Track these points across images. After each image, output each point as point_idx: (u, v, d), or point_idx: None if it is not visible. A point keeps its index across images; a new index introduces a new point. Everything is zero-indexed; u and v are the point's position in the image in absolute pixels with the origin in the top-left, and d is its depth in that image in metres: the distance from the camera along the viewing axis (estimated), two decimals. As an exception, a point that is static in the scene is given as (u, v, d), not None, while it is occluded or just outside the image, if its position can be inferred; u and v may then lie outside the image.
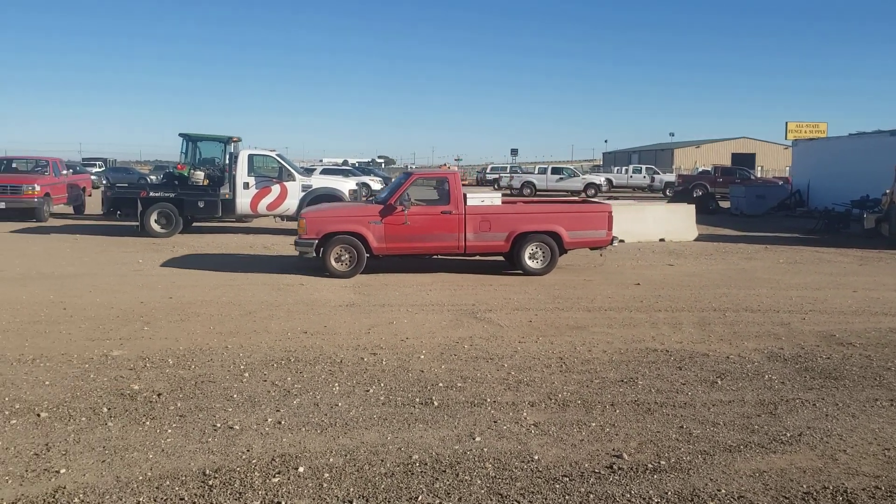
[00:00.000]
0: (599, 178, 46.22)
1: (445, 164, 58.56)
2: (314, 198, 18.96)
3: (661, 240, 18.62)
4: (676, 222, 19.46)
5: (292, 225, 20.25)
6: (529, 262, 12.62)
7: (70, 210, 24.62)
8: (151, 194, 18.63)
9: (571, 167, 50.47)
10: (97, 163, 56.33)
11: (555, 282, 12.00)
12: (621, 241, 14.75)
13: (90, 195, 27.38)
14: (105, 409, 5.65)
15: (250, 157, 19.22)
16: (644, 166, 54.59)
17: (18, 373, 6.53)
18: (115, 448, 4.91)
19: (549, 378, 6.69)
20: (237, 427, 5.32)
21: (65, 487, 4.32)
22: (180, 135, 22.14)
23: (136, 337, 7.93)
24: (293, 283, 11.58)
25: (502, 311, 9.64)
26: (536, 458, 4.89)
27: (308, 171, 22.45)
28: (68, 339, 7.79)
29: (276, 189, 18.93)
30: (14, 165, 24.66)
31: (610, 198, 34.87)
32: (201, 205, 18.73)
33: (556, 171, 44.86)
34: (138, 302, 9.77)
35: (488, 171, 60.89)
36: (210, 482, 4.42)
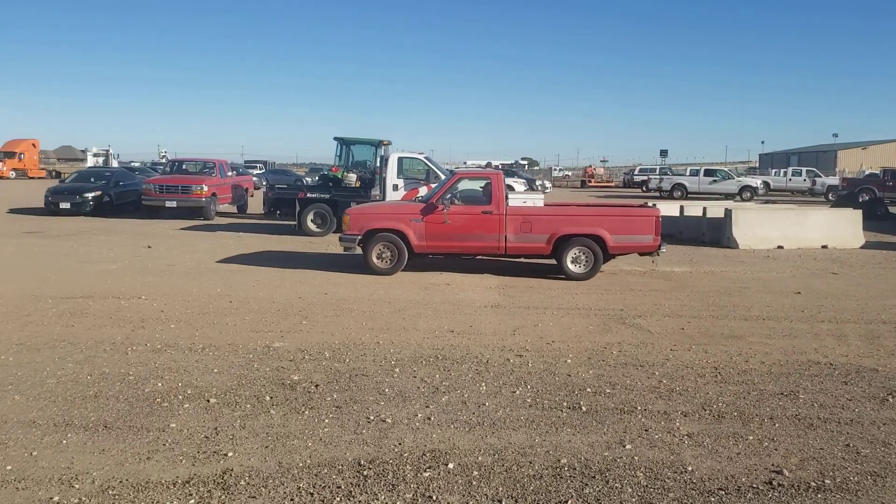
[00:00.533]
0: (756, 181, 44.03)
1: (489, 164, 57.74)
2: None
3: (824, 246, 17.50)
4: (841, 228, 18.23)
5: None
6: (572, 266, 12.31)
7: (234, 209, 26.21)
8: (308, 195, 19.52)
9: (725, 169, 48.38)
10: (258, 165, 59.58)
11: (708, 289, 11.55)
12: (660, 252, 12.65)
13: (252, 195, 29.00)
14: (268, 398, 5.97)
15: (400, 159, 19.77)
16: (804, 169, 51.50)
17: (190, 360, 7.03)
18: (278, 435, 5.18)
19: (702, 388, 6.45)
20: (389, 420, 5.48)
21: (232, 470, 4.60)
22: (335, 139, 23.03)
23: (295, 330, 8.33)
24: (439, 282, 11.78)
25: (652, 317, 9.38)
26: (690, 469, 4.72)
27: (451, 174, 22.76)
28: (234, 330, 8.30)
29: (423, 191, 19.32)
30: (184, 167, 26.51)
31: (767, 201, 33.16)
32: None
33: (708, 172, 43.13)
34: (297, 297, 10.26)
35: (636, 172, 59.47)
36: (365, 472, 4.58)
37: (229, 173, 25.96)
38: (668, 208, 19.53)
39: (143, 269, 12.59)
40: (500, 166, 61.90)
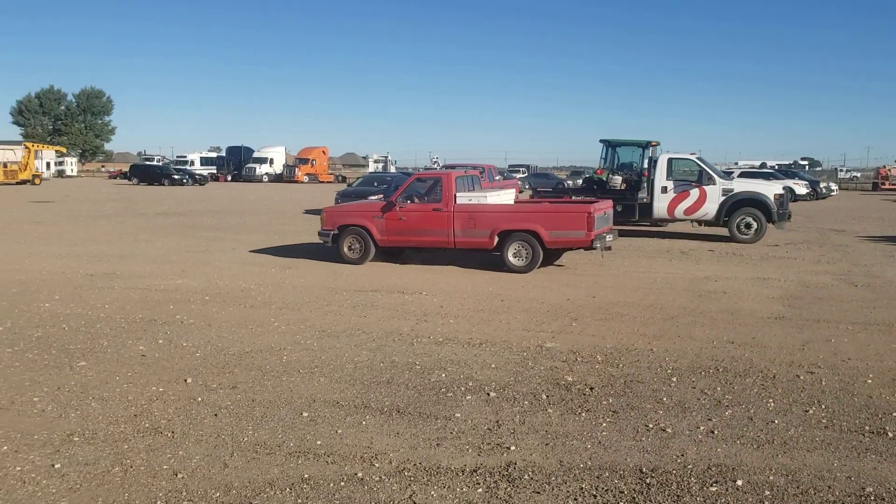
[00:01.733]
0: None
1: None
2: (734, 202, 18.28)
3: None
4: None
5: (711, 230, 19.74)
6: (513, 260, 12.84)
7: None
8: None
9: None
10: (521, 169, 60.95)
11: None
12: (608, 247, 13.39)
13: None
14: (544, 396, 6.09)
15: (670, 160, 19.18)
16: None
17: (469, 354, 7.37)
18: (556, 434, 5.27)
19: None
20: (669, 430, 5.34)
21: (515, 463, 4.75)
22: (601, 141, 22.89)
23: (566, 331, 8.41)
24: (715, 290, 11.24)
25: (971, 337, 8.21)
26: None
27: (727, 175, 21.65)
28: (507, 328, 8.57)
29: (694, 193, 18.61)
30: (457, 171, 27.87)
31: None
32: (619, 209, 19.13)
33: None
34: (565, 299, 10.35)
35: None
36: (647, 480, 4.50)
37: (496, 178, 26.85)
38: None
39: (421, 267, 13.43)
40: (776, 167, 57.76)
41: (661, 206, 18.83)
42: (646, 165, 20.56)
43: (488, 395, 6.12)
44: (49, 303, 9.72)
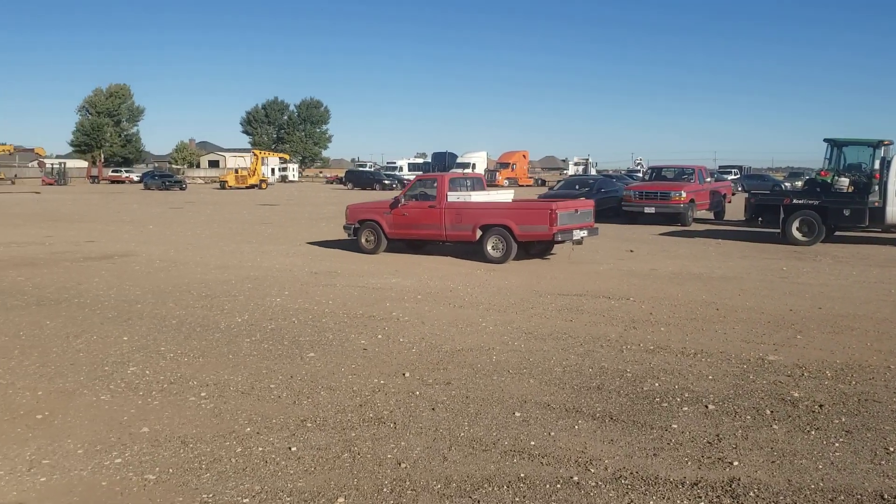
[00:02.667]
0: None
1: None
2: None
3: None
4: None
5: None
6: (491, 252, 14.34)
7: (710, 216, 25.89)
8: (794, 202, 18.32)
9: None
10: (732, 170, 57.95)
11: None
12: (579, 242, 14.83)
13: (730, 202, 28.33)
14: (768, 412, 5.75)
15: (908, 161, 17.37)
16: None
17: (683, 364, 7.12)
18: (783, 451, 4.96)
19: None
20: (916, 457, 4.85)
21: (738, 479, 4.53)
22: (825, 140, 21.32)
23: (790, 344, 7.89)
24: (965, 304, 10.06)
25: None
26: None
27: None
28: (724, 338, 8.18)
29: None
30: (663, 173, 27.02)
31: None
32: (846, 213, 17.67)
33: None
34: (787, 309, 9.71)
35: None
36: (892, 510, 4.13)
37: (707, 179, 25.72)
38: None
39: (628, 272, 13.16)
40: None
41: (895, 210, 17.13)
42: (877, 167, 18.82)
43: (706, 407, 5.88)
44: (280, 297, 10.57)
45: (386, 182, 60.76)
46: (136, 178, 74.58)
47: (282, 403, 6.00)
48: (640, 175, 45.78)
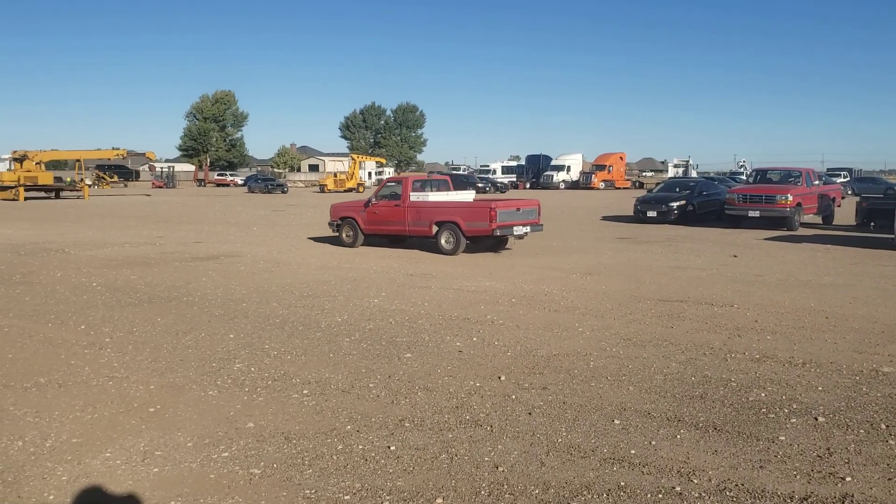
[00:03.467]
0: None
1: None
2: None
3: None
4: None
5: None
6: (444, 245, 16.33)
7: (818, 220, 24.80)
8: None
9: None
10: (842, 173, 55.42)
11: None
12: (520, 236, 16.69)
13: (839, 206, 27.07)
14: (883, 426, 5.47)
15: None
16: None
17: (791, 374, 6.84)
18: (902, 469, 4.70)
19: None
20: None
21: (852, 496, 4.32)
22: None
23: (908, 356, 7.47)
24: None
25: None
26: None
27: None
28: (834, 348, 7.82)
29: None
30: (768, 176, 26.06)
31: None
32: None
33: None
34: (904, 319, 9.20)
35: None
36: None
37: (815, 182, 24.63)
38: None
39: (731, 278, 12.75)
40: None
41: None
42: None
43: (816, 419, 5.63)
44: (377, 298, 10.75)
45: (479, 185, 60.86)
46: (240, 182, 77.44)
47: (380, 402, 6.09)
48: (744, 178, 44.39)
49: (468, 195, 19.22)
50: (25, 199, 43.15)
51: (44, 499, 4.37)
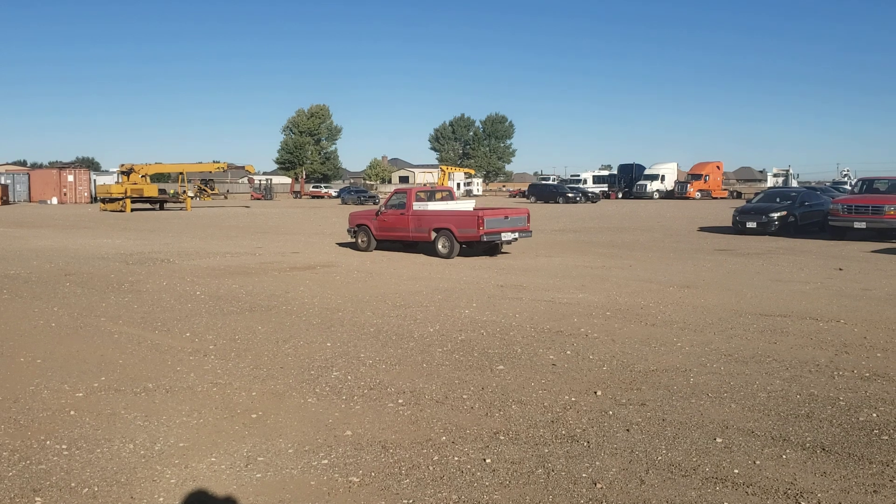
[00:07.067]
0: None
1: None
2: None
3: None
4: None
5: None
6: (441, 249, 17.86)
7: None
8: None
9: None
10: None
11: None
12: (508, 242, 18.28)
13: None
14: None
15: None
16: None
17: (906, 394, 6.48)
18: None
19: None
20: None
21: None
22: None
23: None
24: None
25: None
26: None
27: None
28: (954, 368, 7.37)
29: None
30: (875, 185, 24.87)
31: None
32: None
33: None
34: None
35: None
36: None
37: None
38: None
39: (837, 292, 12.21)
40: None
41: None
42: None
43: (936, 443, 5.32)
44: (468, 309, 10.78)
45: (570, 195, 60.34)
46: (333, 194, 79.34)
47: (475, 414, 6.11)
48: (848, 187, 42.53)
49: (468, 204, 20.64)
50: (132, 210, 45.37)
51: (154, 500, 4.57)
